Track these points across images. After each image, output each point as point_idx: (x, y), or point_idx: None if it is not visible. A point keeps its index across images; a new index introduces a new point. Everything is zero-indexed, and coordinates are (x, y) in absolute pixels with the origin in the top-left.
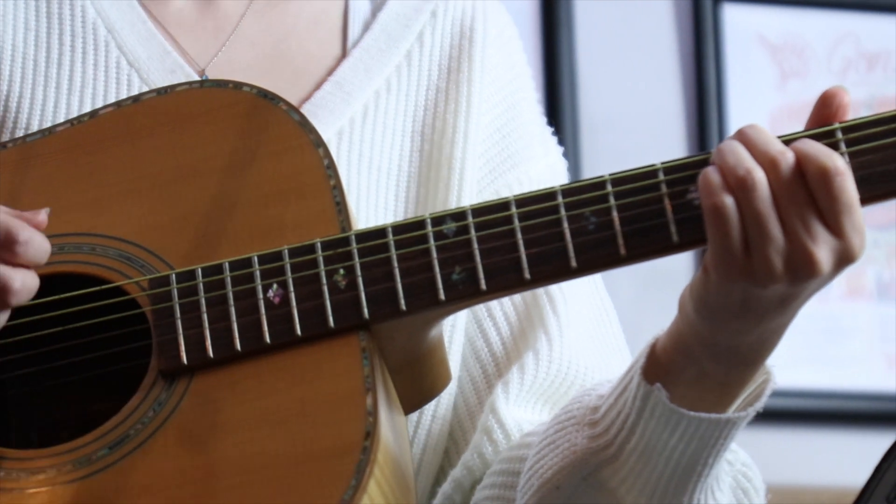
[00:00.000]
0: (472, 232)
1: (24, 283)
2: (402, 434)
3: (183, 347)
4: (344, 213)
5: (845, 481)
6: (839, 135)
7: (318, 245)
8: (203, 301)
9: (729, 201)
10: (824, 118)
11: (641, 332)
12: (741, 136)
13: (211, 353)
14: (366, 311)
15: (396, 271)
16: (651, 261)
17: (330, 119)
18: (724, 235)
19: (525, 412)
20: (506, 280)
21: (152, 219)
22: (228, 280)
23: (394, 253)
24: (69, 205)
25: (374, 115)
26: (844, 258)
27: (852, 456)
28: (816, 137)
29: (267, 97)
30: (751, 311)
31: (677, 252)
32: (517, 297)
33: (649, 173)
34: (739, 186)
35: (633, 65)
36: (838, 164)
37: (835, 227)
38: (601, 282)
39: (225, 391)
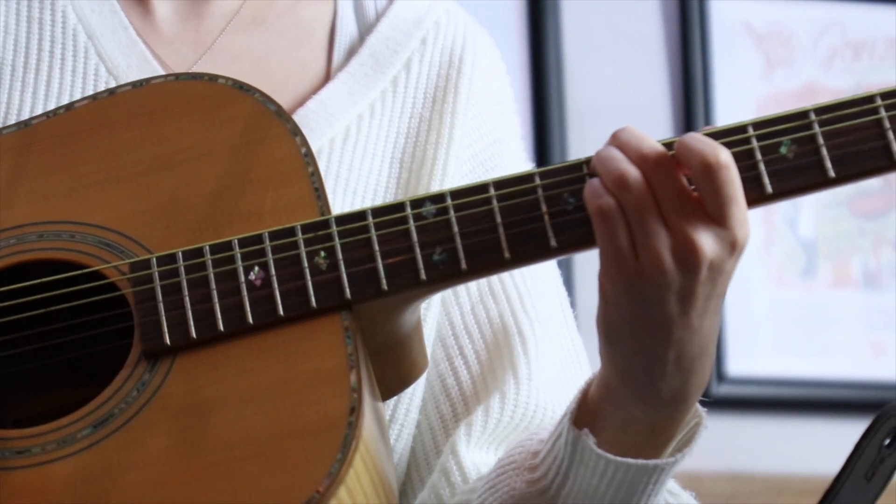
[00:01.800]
0: (452, 213)
1: None
2: (382, 419)
3: (166, 328)
4: (323, 199)
5: (832, 469)
6: (812, 116)
7: (298, 228)
8: (185, 283)
9: (611, 202)
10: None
11: None
12: (614, 139)
13: (194, 334)
14: (347, 291)
15: (377, 252)
16: None
17: (311, 137)
18: (612, 237)
19: (486, 455)
20: (486, 260)
21: (131, 207)
22: (209, 262)
23: (374, 234)
24: (47, 194)
25: (356, 139)
26: (731, 247)
27: (839, 444)
28: (790, 119)
29: (242, 88)
30: (655, 320)
31: None
32: (489, 335)
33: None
34: (616, 187)
35: (620, 52)
36: (722, 157)
37: (718, 217)
38: (573, 321)
39: (209, 371)
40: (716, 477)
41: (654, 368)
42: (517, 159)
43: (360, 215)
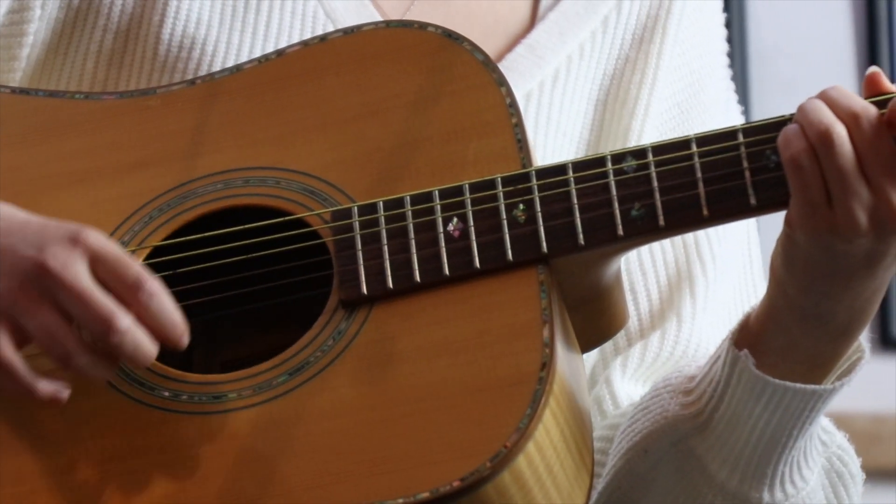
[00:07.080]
0: (652, 169)
1: (133, 334)
2: (580, 371)
3: (363, 278)
4: (525, 150)
5: None
6: None
7: (499, 180)
8: (384, 233)
9: (806, 154)
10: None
11: None
12: (823, 95)
13: (390, 284)
14: (544, 245)
15: (575, 207)
16: None
17: (520, 82)
18: (804, 188)
19: (639, 388)
20: (685, 217)
21: (336, 154)
22: (409, 213)
23: (573, 188)
24: (255, 139)
25: (565, 80)
26: None
27: None
28: None
29: (451, 37)
30: (838, 269)
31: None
32: (662, 278)
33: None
34: (820, 142)
35: None
36: None
37: None
38: (759, 268)
39: (404, 321)
40: None
41: (823, 305)
42: (716, 103)
43: (560, 169)
